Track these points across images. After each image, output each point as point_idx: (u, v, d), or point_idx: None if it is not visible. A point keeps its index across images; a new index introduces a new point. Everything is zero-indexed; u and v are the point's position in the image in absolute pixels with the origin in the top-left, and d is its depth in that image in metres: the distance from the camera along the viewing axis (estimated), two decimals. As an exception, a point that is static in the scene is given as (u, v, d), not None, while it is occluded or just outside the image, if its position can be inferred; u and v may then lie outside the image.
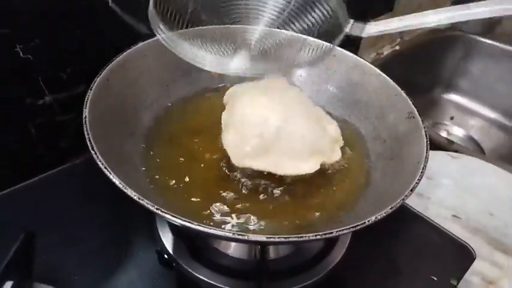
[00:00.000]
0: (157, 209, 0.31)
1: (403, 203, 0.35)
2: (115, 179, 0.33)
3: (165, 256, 0.46)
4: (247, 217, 0.40)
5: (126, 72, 0.46)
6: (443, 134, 1.15)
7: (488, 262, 0.57)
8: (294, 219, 0.41)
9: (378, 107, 0.49)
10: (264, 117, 0.42)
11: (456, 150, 0.78)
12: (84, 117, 0.38)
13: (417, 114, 0.44)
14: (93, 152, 0.35)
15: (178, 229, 0.47)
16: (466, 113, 1.20)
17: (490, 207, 0.64)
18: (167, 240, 0.47)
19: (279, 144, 0.42)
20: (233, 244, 0.47)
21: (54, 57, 0.51)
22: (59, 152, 0.57)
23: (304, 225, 0.40)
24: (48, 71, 0.52)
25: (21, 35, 0.47)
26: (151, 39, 0.49)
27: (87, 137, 0.36)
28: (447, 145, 0.81)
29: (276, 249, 0.47)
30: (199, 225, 0.31)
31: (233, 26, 0.46)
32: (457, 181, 0.69)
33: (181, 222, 0.31)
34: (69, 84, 0.54)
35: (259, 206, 0.41)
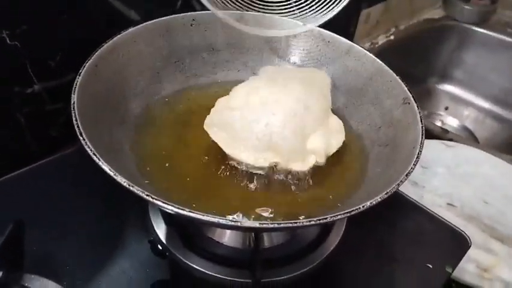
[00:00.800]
0: (147, 195, 0.30)
1: (398, 191, 0.34)
2: (104, 166, 0.32)
3: (158, 246, 0.46)
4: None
5: (116, 58, 0.45)
6: (438, 124, 1.15)
7: (483, 249, 0.57)
8: (287, 210, 0.40)
9: (373, 93, 0.49)
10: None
11: (451, 139, 0.78)
12: (72, 103, 0.37)
13: (413, 100, 0.44)
14: (82, 138, 0.34)
15: (172, 218, 0.46)
16: (461, 103, 1.20)
17: (485, 195, 0.64)
18: (160, 229, 0.46)
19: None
20: (227, 233, 0.46)
21: (42, 44, 0.50)
22: (49, 141, 0.56)
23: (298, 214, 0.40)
24: (37, 58, 0.50)
25: (7, 20, 0.46)
26: (140, 25, 0.48)
27: (75, 123, 0.35)
28: (442, 134, 0.81)
29: (270, 238, 0.47)
30: (191, 212, 0.30)
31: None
32: (452, 169, 0.68)
33: (173, 208, 0.30)
34: (58, 72, 0.52)
35: (250, 195, 0.41)
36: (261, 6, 0.51)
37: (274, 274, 0.43)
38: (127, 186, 0.31)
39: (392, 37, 1.08)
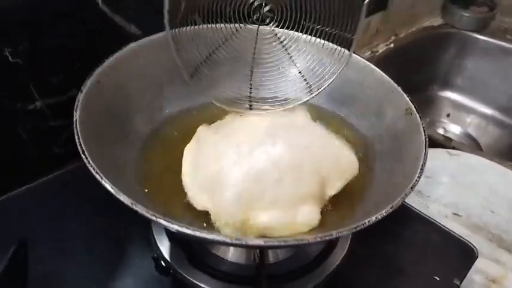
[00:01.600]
0: (151, 214, 0.30)
1: (403, 202, 0.34)
2: (107, 184, 0.32)
3: (162, 263, 0.45)
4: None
5: (118, 74, 0.44)
6: (441, 131, 1.15)
7: (491, 260, 0.56)
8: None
9: (375, 104, 0.48)
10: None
11: (454, 147, 0.77)
12: (74, 120, 0.37)
13: (415, 110, 0.43)
14: (84, 156, 0.34)
15: (175, 235, 0.46)
16: (463, 109, 1.20)
17: (490, 204, 0.64)
18: (164, 246, 0.46)
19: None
20: (231, 249, 0.46)
21: (44, 61, 0.50)
22: (52, 157, 0.56)
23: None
24: (39, 75, 0.50)
25: (9, 38, 0.46)
26: (142, 39, 0.48)
27: (77, 141, 0.35)
28: (445, 142, 0.81)
29: (275, 253, 0.46)
30: (196, 231, 0.30)
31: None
32: (456, 178, 0.68)
33: (177, 227, 0.30)
34: (60, 88, 0.53)
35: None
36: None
37: (280, 290, 0.43)
38: (130, 205, 0.31)
39: (392, 45, 1.08)
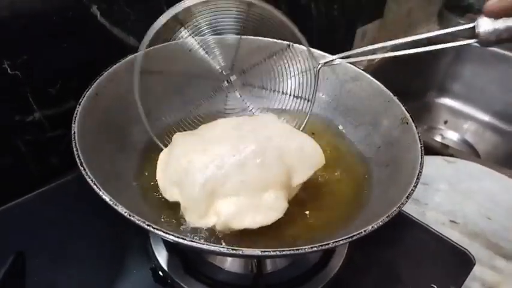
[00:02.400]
0: (148, 225, 0.30)
1: (400, 210, 0.34)
2: (105, 196, 0.32)
3: (160, 273, 0.45)
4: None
5: (116, 86, 0.45)
6: (438, 138, 1.15)
7: (488, 267, 0.56)
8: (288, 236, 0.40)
9: (371, 114, 0.49)
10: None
11: (451, 155, 0.78)
12: (73, 132, 0.37)
13: (411, 119, 0.44)
14: (82, 168, 0.34)
15: (172, 245, 0.46)
16: (460, 116, 1.20)
17: (488, 211, 0.64)
18: (161, 256, 0.46)
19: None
20: (229, 259, 0.46)
21: (42, 73, 0.51)
22: (50, 168, 0.56)
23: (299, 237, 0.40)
24: (37, 86, 0.51)
25: (8, 51, 0.47)
26: (140, 51, 0.49)
27: (75, 152, 0.35)
28: (442, 149, 0.81)
29: (273, 262, 0.47)
30: (192, 241, 0.30)
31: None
32: (454, 186, 0.68)
33: (173, 238, 0.30)
34: (58, 100, 0.53)
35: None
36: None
37: (278, 299, 0.43)
38: (127, 216, 0.31)
39: (389, 53, 1.09)
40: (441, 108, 1.22)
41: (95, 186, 0.33)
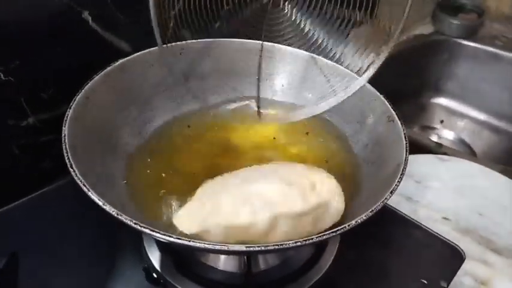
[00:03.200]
0: (135, 223, 0.31)
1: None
2: (93, 196, 0.33)
3: (153, 273, 0.46)
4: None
5: (106, 89, 0.46)
6: (434, 138, 1.16)
7: (480, 262, 0.56)
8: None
9: (359, 112, 0.50)
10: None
11: (445, 153, 0.78)
12: (63, 135, 0.38)
13: (396, 117, 0.45)
14: (72, 169, 0.35)
15: (165, 244, 0.46)
16: (456, 115, 1.21)
17: (479, 207, 0.64)
18: (154, 256, 0.47)
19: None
20: (221, 257, 0.46)
21: (35, 78, 0.52)
22: (44, 172, 0.57)
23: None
24: (30, 91, 0.52)
25: (1, 57, 0.48)
26: (131, 55, 0.50)
27: (65, 155, 0.36)
28: (436, 148, 0.82)
29: (264, 260, 0.47)
30: (179, 238, 0.31)
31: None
32: (446, 183, 0.69)
33: (160, 235, 0.30)
34: (51, 104, 0.54)
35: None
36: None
37: (269, 297, 0.44)
38: (115, 215, 0.32)
39: (383, 54, 1.09)
40: (437, 108, 1.23)
41: (83, 187, 0.33)
